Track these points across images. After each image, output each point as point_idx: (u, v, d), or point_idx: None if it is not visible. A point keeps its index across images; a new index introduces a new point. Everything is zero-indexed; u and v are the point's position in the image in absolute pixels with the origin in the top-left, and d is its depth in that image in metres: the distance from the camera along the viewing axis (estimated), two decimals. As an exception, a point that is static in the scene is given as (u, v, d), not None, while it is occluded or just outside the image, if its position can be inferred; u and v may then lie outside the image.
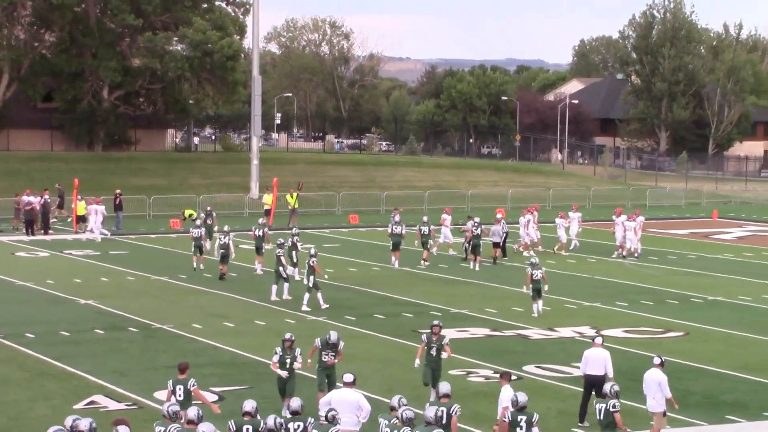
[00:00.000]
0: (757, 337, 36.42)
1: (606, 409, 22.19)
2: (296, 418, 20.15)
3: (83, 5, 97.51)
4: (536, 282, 39.61)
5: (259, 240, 49.85)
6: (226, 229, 49.99)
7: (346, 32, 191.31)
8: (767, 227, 73.53)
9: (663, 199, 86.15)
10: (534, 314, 39.72)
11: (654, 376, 25.29)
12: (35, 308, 40.81)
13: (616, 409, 22.12)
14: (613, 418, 22.11)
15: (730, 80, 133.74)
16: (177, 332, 36.37)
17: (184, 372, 23.52)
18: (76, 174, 73.12)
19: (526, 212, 58.95)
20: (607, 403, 22.28)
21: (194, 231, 50.05)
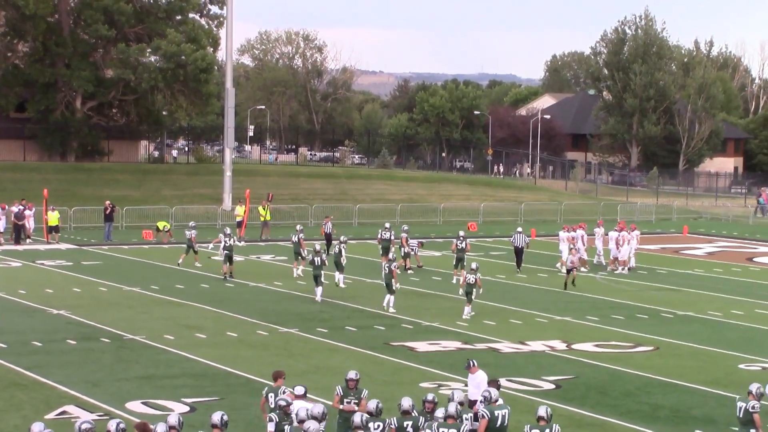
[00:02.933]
0: (727, 353, 36.56)
1: (746, 408, 22.78)
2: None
3: (57, 16, 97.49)
4: (469, 285, 41.64)
5: (296, 245, 52.72)
6: (227, 231, 51.02)
7: (319, 45, 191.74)
8: (737, 243, 73.84)
9: (634, 215, 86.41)
10: (463, 315, 41.60)
11: None
12: (6, 318, 40.66)
13: (755, 410, 22.71)
14: (751, 417, 22.68)
15: (700, 97, 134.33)
16: (149, 343, 36.32)
17: (277, 380, 23.52)
18: (48, 184, 73.02)
19: (575, 228, 58.85)
20: (748, 403, 22.82)
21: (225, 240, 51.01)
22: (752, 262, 63.59)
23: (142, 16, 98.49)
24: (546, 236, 71.36)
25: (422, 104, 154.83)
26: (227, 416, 20.31)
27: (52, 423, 25.70)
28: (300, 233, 53.80)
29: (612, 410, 28.61)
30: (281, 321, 40.57)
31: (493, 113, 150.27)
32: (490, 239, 71.92)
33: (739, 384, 31.91)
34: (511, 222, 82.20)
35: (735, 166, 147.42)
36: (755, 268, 60.53)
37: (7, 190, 75.82)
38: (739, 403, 23.20)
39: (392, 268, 43.72)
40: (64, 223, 68.65)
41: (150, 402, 28.55)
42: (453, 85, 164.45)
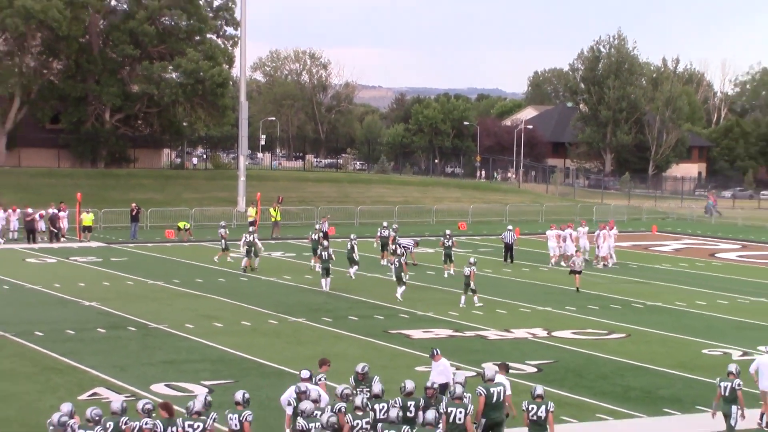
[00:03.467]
0: (691, 339, 36.58)
1: (732, 387, 23.15)
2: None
3: (87, 37, 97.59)
4: (466, 278, 42.14)
5: (314, 243, 53.87)
6: (251, 230, 51.65)
7: (324, 63, 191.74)
8: (700, 241, 73.84)
9: (608, 215, 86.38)
10: (460, 304, 42.15)
11: (767, 361, 25.41)
12: (43, 309, 40.72)
13: (740, 388, 23.20)
14: (737, 395, 23.09)
15: (668, 109, 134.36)
16: (172, 331, 36.35)
17: (321, 366, 23.36)
18: (80, 189, 73.01)
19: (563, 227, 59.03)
20: (733, 381, 23.18)
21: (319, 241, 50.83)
22: (714, 257, 63.60)
23: (165, 36, 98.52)
24: (529, 234, 71.40)
25: (417, 116, 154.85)
26: (248, 395, 20.38)
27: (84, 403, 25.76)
28: (392, 229, 56.38)
29: (588, 391, 28.63)
30: (291, 311, 40.58)
31: (481, 124, 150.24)
32: (478, 237, 71.95)
33: (702, 367, 31.96)
34: (498, 222, 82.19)
35: (699, 171, 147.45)
36: (717, 263, 60.55)
37: (43, 194, 75.83)
38: (722, 383, 23.31)
39: (402, 262, 44.43)
40: (95, 224, 68.63)
41: (172, 384, 28.57)
42: (445, 98, 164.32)
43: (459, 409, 20.50)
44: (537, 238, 68.63)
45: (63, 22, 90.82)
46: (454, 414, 20.46)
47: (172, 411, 19.74)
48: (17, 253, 58.41)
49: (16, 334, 35.19)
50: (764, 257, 64.04)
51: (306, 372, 22.50)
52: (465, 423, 20.49)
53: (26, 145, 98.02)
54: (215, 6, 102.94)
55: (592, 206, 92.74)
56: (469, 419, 20.61)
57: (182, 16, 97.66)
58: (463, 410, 20.53)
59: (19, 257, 56.89)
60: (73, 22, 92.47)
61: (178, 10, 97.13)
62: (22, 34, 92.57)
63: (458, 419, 20.45)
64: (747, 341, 36.17)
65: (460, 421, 20.34)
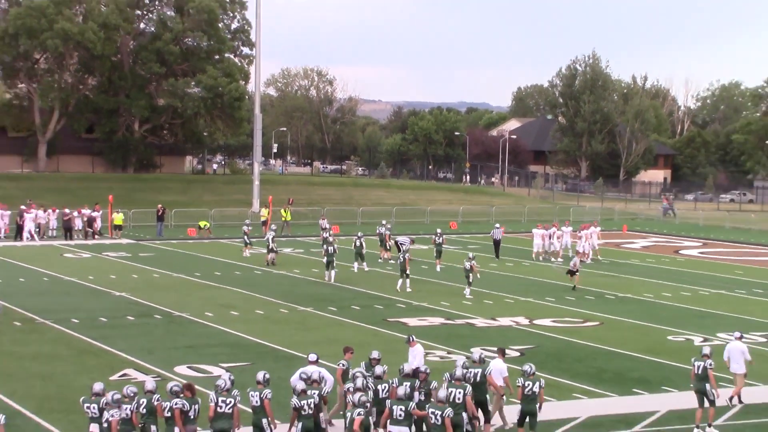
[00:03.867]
0: (658, 327, 36.59)
1: (704, 366, 23.30)
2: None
3: (119, 56, 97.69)
4: (466, 270, 42.59)
5: (381, 236, 55.92)
6: (273, 228, 52.21)
7: (330, 79, 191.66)
8: (666, 239, 73.84)
9: (583, 216, 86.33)
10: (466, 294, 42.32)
11: (738, 347, 25.70)
12: (79, 299, 40.74)
13: (711, 367, 23.32)
14: (707, 373, 23.25)
15: (637, 121, 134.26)
16: (193, 319, 36.37)
17: (346, 353, 23.25)
18: (112, 191, 73.02)
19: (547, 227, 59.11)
20: (705, 362, 23.35)
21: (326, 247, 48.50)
22: (678, 254, 63.59)
23: (188, 55, 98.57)
24: (513, 233, 71.36)
25: (413, 127, 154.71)
26: (268, 375, 20.49)
27: (115, 383, 25.77)
28: (386, 227, 56.59)
29: (566, 373, 28.63)
30: (299, 301, 40.59)
31: (470, 134, 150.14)
32: (467, 235, 71.96)
33: (667, 352, 31.97)
34: (485, 222, 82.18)
35: (664, 177, 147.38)
36: (681, 259, 60.54)
37: (79, 197, 75.78)
38: (696, 362, 23.48)
39: (406, 258, 44.37)
40: (125, 223, 68.63)
41: (194, 366, 28.59)
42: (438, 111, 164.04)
43: (458, 390, 20.49)
44: (520, 236, 68.66)
45: (97, 42, 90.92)
46: (453, 394, 20.46)
47: (194, 391, 19.83)
48: (56, 249, 58.42)
49: (55, 321, 35.23)
50: (723, 254, 64.05)
51: (313, 355, 22.52)
52: (465, 401, 20.51)
53: (64, 153, 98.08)
54: (233, 28, 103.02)
55: (570, 208, 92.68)
56: (469, 398, 20.64)
57: (203, 37, 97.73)
58: (462, 390, 20.54)
59: (57, 253, 56.90)
60: (107, 42, 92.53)
61: (200, 32, 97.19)
62: (61, 53, 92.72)
63: (458, 399, 20.45)
64: (707, 329, 36.22)
65: (459, 400, 20.31)
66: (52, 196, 76.71)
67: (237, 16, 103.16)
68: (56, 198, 75.80)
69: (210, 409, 19.68)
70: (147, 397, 19.54)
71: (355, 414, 19.38)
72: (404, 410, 19.78)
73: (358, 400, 19.60)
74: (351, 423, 19.35)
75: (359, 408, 19.42)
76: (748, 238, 75.66)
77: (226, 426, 19.60)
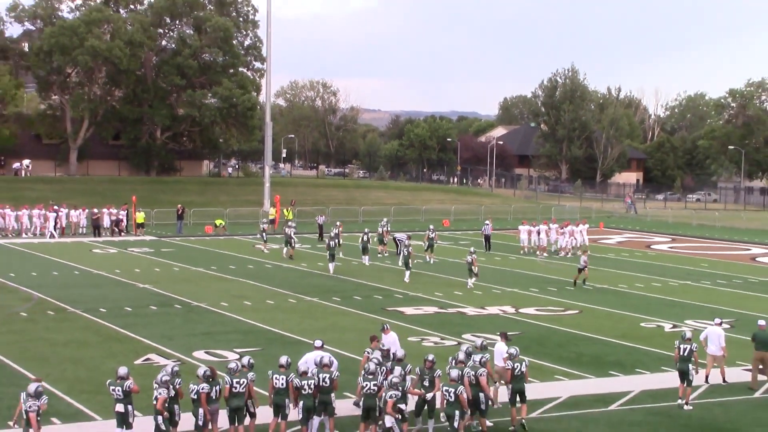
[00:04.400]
0: (632, 314, 36.55)
1: (690, 349, 23.56)
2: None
3: (143, 70, 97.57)
4: (468, 264, 42.20)
5: (380, 235, 55.13)
6: (291, 224, 51.95)
7: (334, 90, 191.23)
8: (639, 235, 73.81)
9: (564, 214, 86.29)
10: (468, 286, 42.12)
11: (716, 331, 25.89)
12: (106, 290, 40.67)
13: (696, 349, 23.72)
14: (693, 355, 23.60)
15: (611, 128, 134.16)
16: (210, 308, 36.29)
17: (372, 342, 23.14)
18: (137, 193, 73.09)
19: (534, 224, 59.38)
20: (691, 344, 23.63)
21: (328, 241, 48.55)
22: (650, 248, 63.57)
23: (205, 69, 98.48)
24: (500, 230, 71.27)
25: (409, 134, 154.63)
26: (290, 359, 20.60)
27: (139, 366, 25.71)
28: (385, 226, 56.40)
29: (548, 357, 28.57)
30: (306, 292, 40.54)
31: (461, 140, 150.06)
32: (459, 232, 71.93)
33: (640, 337, 31.91)
34: (475, 219, 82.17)
35: (637, 179, 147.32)
36: (652, 253, 60.52)
37: (107, 198, 75.75)
38: (682, 345, 23.60)
39: (410, 251, 44.96)
40: (148, 221, 68.61)
41: (210, 351, 28.52)
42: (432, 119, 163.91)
43: (459, 370, 20.37)
44: (507, 233, 68.58)
45: (123, 58, 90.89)
46: (468, 374, 20.58)
47: (215, 375, 19.86)
48: (85, 245, 58.34)
49: (84, 310, 35.17)
50: (690, 248, 64.01)
51: (318, 341, 22.48)
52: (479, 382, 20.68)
53: (93, 158, 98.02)
54: (246, 45, 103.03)
55: (551, 207, 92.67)
56: (483, 379, 20.72)
57: (219, 53, 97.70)
58: (475, 372, 20.71)
59: (86, 248, 56.82)
60: (132, 58, 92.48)
61: (216, 48, 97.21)
62: (91, 68, 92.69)
63: (472, 380, 20.59)
64: (676, 316, 36.19)
65: (452, 398, 20.06)
66: (81, 198, 76.60)
67: (249, 33, 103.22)
68: (86, 199, 75.72)
69: (225, 390, 19.81)
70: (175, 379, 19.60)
71: (388, 396, 19.39)
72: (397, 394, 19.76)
73: (390, 382, 19.69)
74: (385, 404, 19.42)
75: (392, 390, 19.47)
76: (713, 234, 75.64)
77: (240, 404, 19.79)
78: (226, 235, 65.83)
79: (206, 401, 19.48)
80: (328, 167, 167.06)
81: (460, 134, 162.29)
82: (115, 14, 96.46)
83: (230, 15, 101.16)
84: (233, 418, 19.85)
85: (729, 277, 48.32)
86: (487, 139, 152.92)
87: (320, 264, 49.79)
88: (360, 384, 20.44)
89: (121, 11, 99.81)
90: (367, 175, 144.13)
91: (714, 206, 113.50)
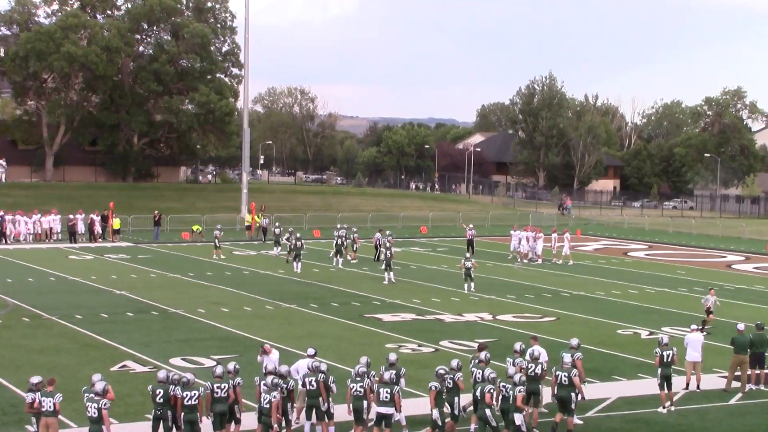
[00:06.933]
0: (608, 321, 36.67)
1: (673, 354, 23.95)
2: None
3: (120, 76, 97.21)
4: (467, 269, 43.39)
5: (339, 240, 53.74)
6: (291, 230, 51.85)
7: (312, 97, 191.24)
8: (616, 242, 74.07)
9: (541, 221, 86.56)
10: (465, 291, 43.07)
11: (696, 337, 26.16)
12: (82, 296, 40.51)
13: (675, 353, 24.09)
14: (674, 359, 23.94)
15: (589, 135, 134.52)
16: (187, 315, 36.20)
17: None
18: (114, 199, 72.75)
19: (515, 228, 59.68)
20: (673, 350, 24.02)
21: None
22: (627, 255, 63.80)
23: (182, 75, 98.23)
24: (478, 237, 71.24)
25: (387, 140, 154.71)
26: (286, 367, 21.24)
27: (116, 373, 25.60)
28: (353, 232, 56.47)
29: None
30: (284, 299, 40.49)
31: (438, 147, 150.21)
32: (436, 239, 71.95)
33: (617, 344, 32.01)
34: (452, 226, 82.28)
35: (614, 186, 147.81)
36: (629, 260, 60.74)
37: (84, 204, 75.42)
38: (664, 352, 23.86)
39: (392, 253, 46.94)
40: (125, 227, 68.40)
41: (187, 358, 28.45)
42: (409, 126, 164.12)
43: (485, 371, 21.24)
44: (484, 240, 68.64)
45: (100, 64, 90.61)
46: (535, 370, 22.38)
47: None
48: (61, 252, 58.10)
49: (60, 317, 35.02)
50: (667, 255, 64.29)
51: (311, 350, 22.50)
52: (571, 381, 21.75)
53: (70, 164, 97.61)
54: (224, 51, 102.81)
55: (528, 214, 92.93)
56: (579, 367, 22.36)
57: (197, 59, 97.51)
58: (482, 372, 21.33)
59: (63, 254, 56.60)
60: (109, 64, 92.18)
61: (194, 54, 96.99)
62: (67, 74, 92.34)
63: (563, 380, 21.77)
64: (652, 323, 36.34)
65: (565, 382, 21.62)
66: (58, 204, 76.20)
67: (227, 40, 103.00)
68: (62, 205, 75.34)
69: (207, 396, 19.91)
70: (162, 387, 19.51)
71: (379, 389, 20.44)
72: (389, 393, 20.18)
73: (437, 374, 20.59)
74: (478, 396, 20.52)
75: (434, 382, 20.33)
76: (689, 241, 76.00)
77: (224, 408, 19.89)
78: (204, 241, 65.66)
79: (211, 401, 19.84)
80: (306, 174, 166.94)
81: (437, 141, 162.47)
82: (91, 20, 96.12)
83: (208, 21, 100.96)
84: (217, 423, 19.91)
85: (705, 285, 48.51)
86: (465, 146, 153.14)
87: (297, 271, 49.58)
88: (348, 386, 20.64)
89: (98, 17, 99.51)
90: (345, 182, 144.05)
91: (690, 214, 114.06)
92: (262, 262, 53.29)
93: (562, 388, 21.50)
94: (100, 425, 18.61)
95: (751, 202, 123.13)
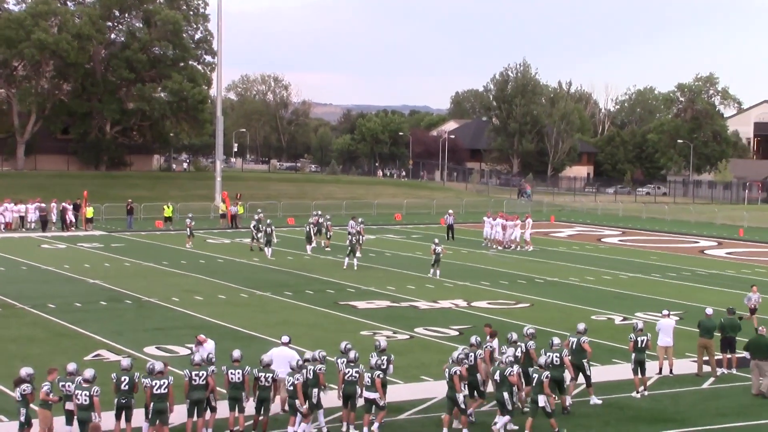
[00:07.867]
0: (582, 307, 36.79)
1: (647, 340, 24.27)
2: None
3: (92, 63, 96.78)
4: (437, 255, 43.81)
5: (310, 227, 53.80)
6: (269, 222, 51.41)
7: (285, 84, 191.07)
8: (589, 228, 74.31)
9: (516, 208, 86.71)
10: (430, 275, 43.63)
11: (668, 322, 26.38)
12: (55, 285, 40.31)
13: (649, 339, 24.32)
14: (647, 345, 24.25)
15: (562, 122, 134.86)
16: (161, 303, 36.08)
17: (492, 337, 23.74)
18: (87, 187, 72.35)
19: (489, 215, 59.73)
20: (647, 336, 24.38)
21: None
22: (600, 241, 64.01)
23: (155, 63, 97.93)
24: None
25: (361, 128, 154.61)
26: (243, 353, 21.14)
27: (89, 362, 25.50)
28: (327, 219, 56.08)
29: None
30: (258, 286, 40.41)
31: (412, 134, 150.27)
32: (410, 225, 71.97)
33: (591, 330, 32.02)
34: (426, 213, 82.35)
35: (588, 173, 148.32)
36: (603, 246, 60.94)
37: (56, 192, 75.03)
38: (639, 338, 24.15)
39: (359, 239, 48.30)
40: (98, 216, 68.08)
41: (161, 347, 28.37)
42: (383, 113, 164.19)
43: (556, 354, 22.44)
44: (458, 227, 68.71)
45: (71, 51, 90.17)
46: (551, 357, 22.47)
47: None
48: (34, 241, 57.79)
49: (32, 306, 34.84)
50: (640, 241, 64.55)
51: (285, 337, 22.49)
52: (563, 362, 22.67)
53: (41, 152, 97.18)
54: (196, 38, 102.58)
55: (503, 201, 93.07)
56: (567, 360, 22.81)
57: (169, 46, 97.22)
58: (559, 353, 22.33)
59: (35, 243, 56.29)
60: (80, 51, 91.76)
61: (166, 42, 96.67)
62: (38, 61, 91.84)
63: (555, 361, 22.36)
64: (626, 309, 36.49)
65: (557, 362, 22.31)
66: (29, 193, 75.73)
67: (200, 27, 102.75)
68: (34, 194, 74.80)
69: (185, 384, 19.94)
70: (128, 374, 19.43)
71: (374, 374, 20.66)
72: (371, 378, 20.45)
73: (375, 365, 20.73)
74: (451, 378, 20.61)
75: (456, 367, 20.61)
76: (662, 227, 76.35)
77: (201, 396, 19.89)
78: (177, 229, 65.44)
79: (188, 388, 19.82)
80: (280, 161, 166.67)
81: (411, 128, 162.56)
82: (62, 7, 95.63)
83: (180, 8, 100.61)
84: (192, 410, 19.86)
85: (678, 270, 48.80)
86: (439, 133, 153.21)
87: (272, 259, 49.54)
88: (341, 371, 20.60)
89: (68, 4, 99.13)
90: (319, 170, 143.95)
91: (663, 199, 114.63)
92: (236, 251, 53.16)
93: (555, 369, 21.96)
94: (90, 412, 18.58)
95: (724, 188, 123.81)
